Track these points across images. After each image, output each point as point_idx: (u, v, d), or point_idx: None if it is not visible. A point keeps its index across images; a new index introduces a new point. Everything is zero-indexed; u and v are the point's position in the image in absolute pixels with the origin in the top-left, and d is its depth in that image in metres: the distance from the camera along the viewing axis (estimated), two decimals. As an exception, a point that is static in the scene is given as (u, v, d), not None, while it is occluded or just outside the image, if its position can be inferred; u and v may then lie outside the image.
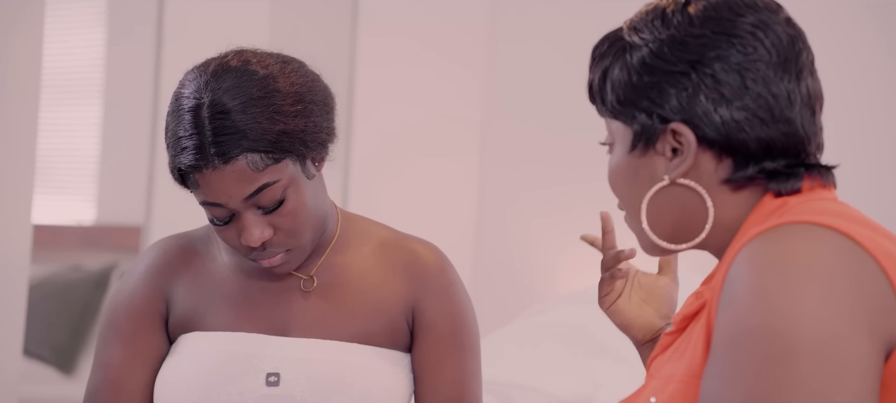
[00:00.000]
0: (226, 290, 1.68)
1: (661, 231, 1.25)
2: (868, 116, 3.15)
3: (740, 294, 1.08)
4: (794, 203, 1.18)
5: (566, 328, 2.90)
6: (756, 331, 1.05)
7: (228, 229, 1.57)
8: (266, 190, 1.53)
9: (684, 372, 1.16)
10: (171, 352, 1.68)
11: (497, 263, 3.91)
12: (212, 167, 1.51)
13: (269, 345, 1.65)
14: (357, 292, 1.69)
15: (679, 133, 1.20)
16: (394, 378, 1.67)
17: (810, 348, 1.03)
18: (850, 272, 1.07)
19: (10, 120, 2.76)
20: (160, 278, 1.70)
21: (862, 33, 3.19)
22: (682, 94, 1.19)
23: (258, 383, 1.63)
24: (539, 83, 3.85)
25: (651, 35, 1.22)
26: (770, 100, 1.18)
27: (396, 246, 1.72)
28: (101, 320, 1.73)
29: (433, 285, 1.71)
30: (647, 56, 1.21)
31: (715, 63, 1.18)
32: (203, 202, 1.56)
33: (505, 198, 3.91)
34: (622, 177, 1.26)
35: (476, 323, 1.75)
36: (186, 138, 1.52)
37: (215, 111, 1.52)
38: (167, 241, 1.73)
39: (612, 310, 1.52)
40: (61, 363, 4.29)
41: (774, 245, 1.09)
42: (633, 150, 1.24)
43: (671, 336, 1.25)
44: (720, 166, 1.20)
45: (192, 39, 3.69)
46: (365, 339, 1.67)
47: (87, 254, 4.59)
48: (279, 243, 1.58)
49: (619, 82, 1.23)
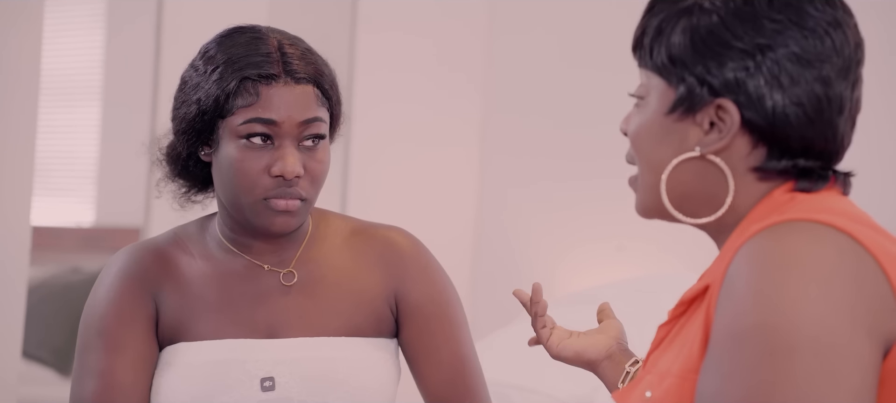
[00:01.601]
0: (207, 297, 1.67)
1: (670, 199, 1.22)
2: (870, 118, 3.15)
3: (740, 291, 1.08)
4: (801, 200, 1.17)
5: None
6: (755, 328, 1.05)
7: (260, 157, 1.60)
8: (317, 123, 1.62)
9: (681, 367, 1.15)
10: (162, 366, 1.66)
11: (496, 265, 3.90)
12: (283, 81, 1.60)
13: (260, 349, 1.64)
14: (336, 285, 1.69)
15: (725, 109, 1.18)
16: (384, 366, 1.68)
17: (809, 345, 1.03)
18: (849, 270, 1.07)
19: (9, 122, 2.76)
20: (144, 283, 1.67)
21: (863, 33, 3.19)
22: (740, 72, 1.17)
23: (253, 389, 1.62)
24: (538, 78, 3.85)
25: (725, 5, 1.18)
26: (824, 101, 1.17)
27: (367, 235, 1.74)
28: (83, 330, 1.67)
29: (411, 269, 1.72)
30: (715, 24, 1.18)
31: (781, 50, 1.16)
32: (253, 119, 1.59)
33: (504, 199, 3.91)
34: (650, 134, 1.23)
35: (458, 294, 1.77)
36: (258, 54, 1.60)
37: (288, 39, 1.64)
38: (135, 247, 1.71)
39: (562, 348, 1.51)
40: (60, 365, 4.28)
41: (775, 242, 1.09)
42: (670, 113, 1.21)
43: (666, 327, 1.24)
44: (753, 153, 1.19)
45: (190, 41, 3.68)
46: (352, 331, 1.67)
47: (87, 256, 4.59)
48: (303, 187, 1.62)
49: (678, 42, 1.20)
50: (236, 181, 1.61)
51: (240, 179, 1.61)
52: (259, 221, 1.63)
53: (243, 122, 1.59)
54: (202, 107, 1.61)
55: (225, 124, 1.61)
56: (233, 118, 1.60)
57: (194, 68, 1.64)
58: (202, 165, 1.69)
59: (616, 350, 1.50)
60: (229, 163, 1.61)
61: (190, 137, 1.64)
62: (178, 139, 1.67)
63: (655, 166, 1.23)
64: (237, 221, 1.67)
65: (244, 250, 1.69)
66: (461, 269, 3.91)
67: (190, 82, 1.64)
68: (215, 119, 1.61)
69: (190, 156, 1.67)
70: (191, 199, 1.74)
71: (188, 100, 1.63)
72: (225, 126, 1.61)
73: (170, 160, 1.70)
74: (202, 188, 1.73)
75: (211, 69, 1.61)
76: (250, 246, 1.69)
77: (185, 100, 1.64)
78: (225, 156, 1.62)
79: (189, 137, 1.64)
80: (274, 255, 1.70)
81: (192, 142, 1.64)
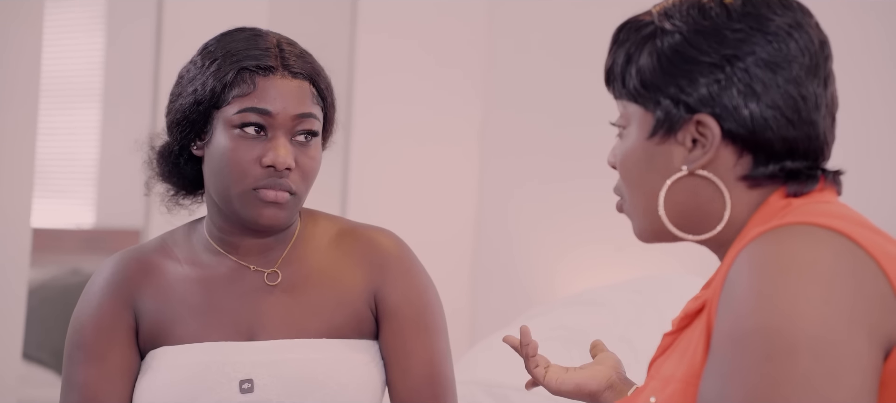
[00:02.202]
0: (189, 300, 1.67)
1: (675, 219, 1.23)
2: (870, 119, 3.15)
3: (741, 294, 1.08)
4: (798, 204, 1.18)
5: (565, 330, 2.90)
6: (756, 331, 1.05)
7: (252, 147, 1.61)
8: (311, 119, 1.65)
9: (685, 373, 1.16)
10: (143, 370, 1.67)
11: (496, 266, 3.90)
12: (280, 74, 1.63)
13: (239, 351, 1.64)
14: (319, 286, 1.69)
15: (704, 124, 1.19)
16: (365, 368, 1.68)
17: (809, 345, 1.04)
18: (849, 272, 1.07)
19: (9, 123, 2.76)
20: (124, 291, 1.69)
21: (863, 34, 3.19)
22: (713, 86, 1.18)
23: (232, 391, 1.62)
24: (538, 79, 3.85)
25: (685, 23, 1.21)
26: (799, 101, 1.18)
27: (353, 236, 1.74)
28: (68, 340, 1.70)
29: (393, 270, 1.72)
30: (679, 43, 1.20)
31: (749, 58, 1.18)
32: (248, 109, 1.61)
33: (504, 200, 3.91)
34: (635, 161, 1.25)
35: (440, 303, 1.76)
36: (257, 48, 1.64)
37: (286, 39, 1.69)
38: (122, 255, 1.73)
39: (561, 382, 1.51)
40: (60, 366, 4.28)
41: (775, 246, 1.09)
42: (651, 137, 1.22)
43: (670, 337, 1.25)
44: (740, 162, 1.20)
45: (190, 43, 3.68)
46: (333, 333, 1.68)
47: (87, 258, 4.59)
48: (293, 180, 1.63)
49: (647, 66, 1.22)
50: (227, 170, 1.62)
51: (231, 168, 1.62)
52: (247, 213, 1.64)
53: (238, 111, 1.61)
54: (198, 96, 1.63)
55: (219, 115, 1.63)
56: (228, 108, 1.62)
57: (192, 63, 1.68)
58: (193, 164, 1.70)
59: (616, 380, 1.51)
60: (221, 153, 1.63)
61: (183, 129, 1.65)
62: (171, 132, 1.68)
63: (647, 192, 1.24)
64: (226, 217, 1.68)
65: (231, 250, 1.70)
66: (461, 270, 3.92)
67: (187, 77, 1.67)
68: (210, 109, 1.63)
69: (181, 152, 1.68)
70: (178, 202, 1.75)
71: (184, 92, 1.66)
72: (219, 116, 1.63)
73: (161, 158, 1.71)
74: (191, 191, 1.74)
75: (209, 62, 1.64)
76: (238, 245, 1.70)
77: (181, 92, 1.66)
78: (217, 146, 1.63)
79: (182, 129, 1.65)
80: (261, 256, 1.70)
81: (186, 133, 1.66)
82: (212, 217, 1.71)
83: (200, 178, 1.71)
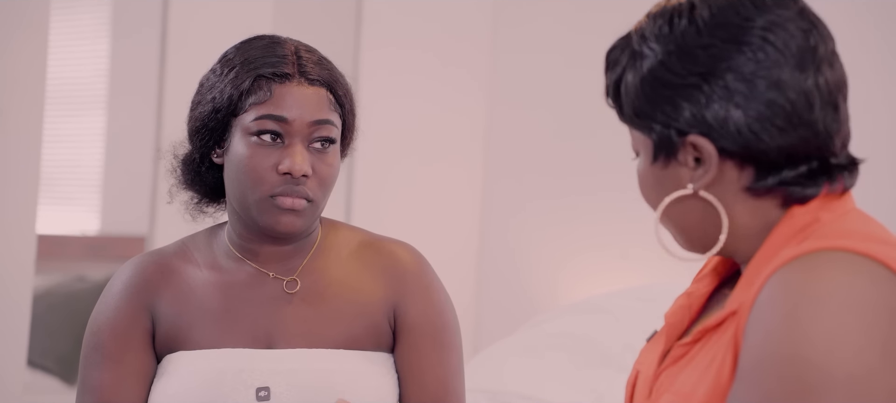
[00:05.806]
0: (208, 306, 1.67)
1: (690, 236, 1.23)
2: (869, 118, 3.15)
3: (772, 321, 1.07)
4: (827, 220, 1.16)
5: (569, 338, 2.90)
6: (789, 360, 1.04)
7: (269, 154, 1.62)
8: (328, 125, 1.65)
9: (707, 392, 1.14)
10: (159, 374, 1.67)
11: (500, 274, 3.90)
12: (297, 81, 1.63)
13: (257, 359, 1.64)
14: (338, 297, 1.69)
15: (699, 146, 1.18)
16: (381, 380, 1.68)
17: (843, 380, 1.02)
18: (884, 302, 1.06)
19: (15, 130, 2.76)
20: (142, 295, 1.69)
21: (862, 34, 3.19)
22: (694, 107, 1.16)
23: (249, 399, 1.62)
24: (543, 87, 3.85)
25: (658, 45, 1.18)
26: (787, 107, 1.15)
27: (374, 248, 1.74)
28: (85, 342, 1.70)
29: (413, 286, 1.72)
30: (656, 68, 1.18)
31: (726, 73, 1.15)
32: (265, 116, 1.62)
33: (508, 206, 3.91)
34: (649, 186, 1.24)
35: (457, 320, 1.76)
36: (274, 55, 1.65)
37: (305, 46, 1.69)
38: (142, 258, 1.73)
39: None
40: (65, 373, 4.29)
41: (808, 273, 1.08)
42: (655, 162, 1.21)
43: (685, 348, 1.23)
44: (743, 174, 1.18)
45: (195, 50, 3.69)
46: (350, 344, 1.68)
47: (92, 265, 4.59)
48: (310, 187, 1.63)
49: (634, 92, 1.21)
50: (245, 177, 1.63)
51: (248, 175, 1.63)
52: (265, 219, 1.64)
53: (255, 119, 1.62)
54: (216, 104, 1.64)
55: (237, 122, 1.64)
56: (245, 115, 1.63)
57: (212, 71, 1.68)
58: (215, 171, 1.71)
59: None
60: (239, 160, 1.63)
61: (203, 136, 1.66)
62: (191, 140, 1.69)
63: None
64: (246, 224, 1.68)
65: (251, 257, 1.70)
66: (465, 277, 3.92)
67: (206, 85, 1.68)
68: (228, 117, 1.64)
69: (202, 160, 1.70)
70: (202, 210, 1.76)
71: (203, 100, 1.67)
72: (237, 124, 1.64)
73: (184, 166, 1.72)
74: (213, 198, 1.75)
75: (227, 70, 1.65)
76: (257, 252, 1.70)
77: (201, 100, 1.67)
78: (235, 154, 1.64)
79: (202, 136, 1.66)
80: (281, 263, 1.70)
81: (205, 141, 1.67)
82: (232, 224, 1.71)
83: (222, 186, 1.72)
